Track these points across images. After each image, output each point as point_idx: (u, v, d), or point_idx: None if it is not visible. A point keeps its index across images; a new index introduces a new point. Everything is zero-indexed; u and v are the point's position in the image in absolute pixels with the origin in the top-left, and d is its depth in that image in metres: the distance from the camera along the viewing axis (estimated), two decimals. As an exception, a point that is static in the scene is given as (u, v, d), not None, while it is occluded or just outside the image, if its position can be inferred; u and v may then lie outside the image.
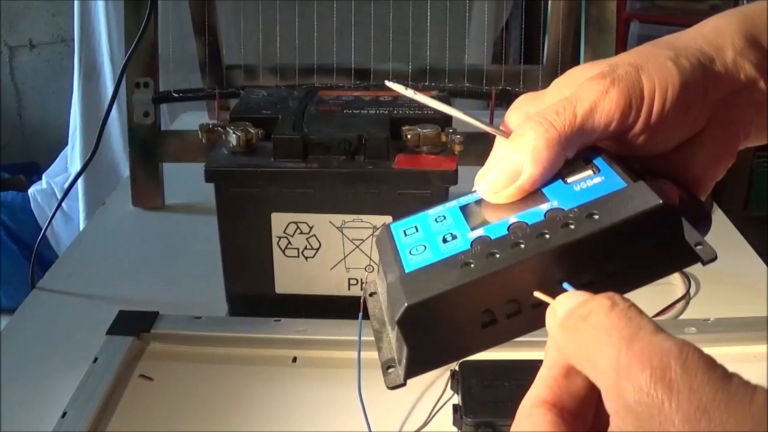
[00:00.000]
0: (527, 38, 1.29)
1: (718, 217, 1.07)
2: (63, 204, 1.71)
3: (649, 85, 0.35)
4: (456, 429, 0.64)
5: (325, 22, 1.15)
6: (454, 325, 0.32)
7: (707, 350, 0.28)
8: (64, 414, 0.64)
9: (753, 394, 0.24)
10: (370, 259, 0.75)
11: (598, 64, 0.37)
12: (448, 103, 0.85)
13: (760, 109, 0.38)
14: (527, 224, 0.33)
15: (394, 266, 0.34)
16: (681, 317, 0.81)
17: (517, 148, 0.35)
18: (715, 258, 0.33)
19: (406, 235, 0.36)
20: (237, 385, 0.70)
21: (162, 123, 1.07)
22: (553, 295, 0.31)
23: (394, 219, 0.38)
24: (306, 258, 0.76)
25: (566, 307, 0.29)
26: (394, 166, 0.73)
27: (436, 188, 0.72)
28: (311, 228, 0.74)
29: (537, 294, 0.32)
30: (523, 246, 0.32)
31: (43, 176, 2.17)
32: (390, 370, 0.34)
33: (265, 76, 1.14)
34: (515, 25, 1.98)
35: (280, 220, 0.74)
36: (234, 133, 0.75)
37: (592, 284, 0.32)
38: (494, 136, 0.38)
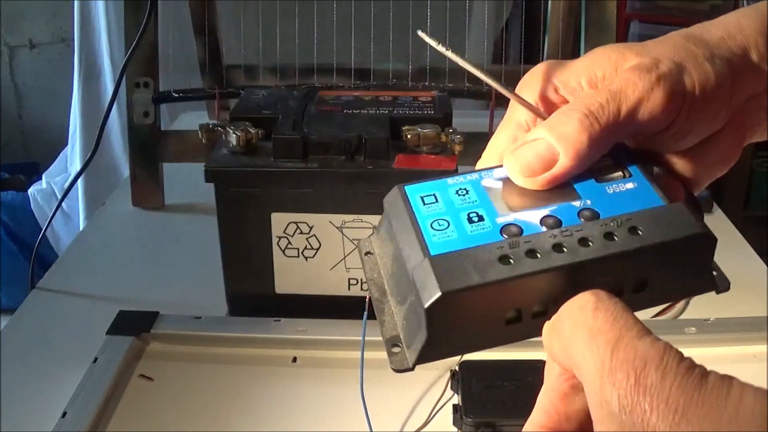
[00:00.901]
0: (527, 38, 1.29)
1: (718, 217, 1.07)
2: (63, 204, 1.71)
3: (690, 85, 0.35)
4: (456, 429, 0.64)
5: (325, 22, 1.15)
6: (480, 319, 0.31)
7: (707, 350, 0.28)
8: (64, 414, 0.64)
9: (728, 391, 0.25)
10: (370, 259, 0.75)
11: (632, 49, 0.36)
12: (448, 102, 0.85)
13: None
14: (561, 221, 0.32)
15: (414, 239, 0.32)
16: (681, 317, 0.81)
17: (558, 136, 0.34)
18: (728, 288, 0.34)
19: (424, 203, 0.34)
20: (237, 385, 0.71)
21: (162, 123, 1.07)
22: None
23: (406, 183, 0.36)
24: (306, 258, 0.76)
25: (559, 315, 0.29)
26: (394, 166, 0.73)
27: (436, 188, 0.72)
28: (311, 228, 0.74)
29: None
30: (566, 251, 0.31)
31: (43, 176, 2.17)
32: (395, 350, 0.33)
33: (265, 76, 1.14)
34: (515, 25, 1.98)
35: (280, 220, 0.74)
36: (234, 133, 0.75)
37: (620, 295, 0.32)
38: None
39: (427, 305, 0.30)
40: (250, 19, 1.16)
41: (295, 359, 0.74)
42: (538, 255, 0.31)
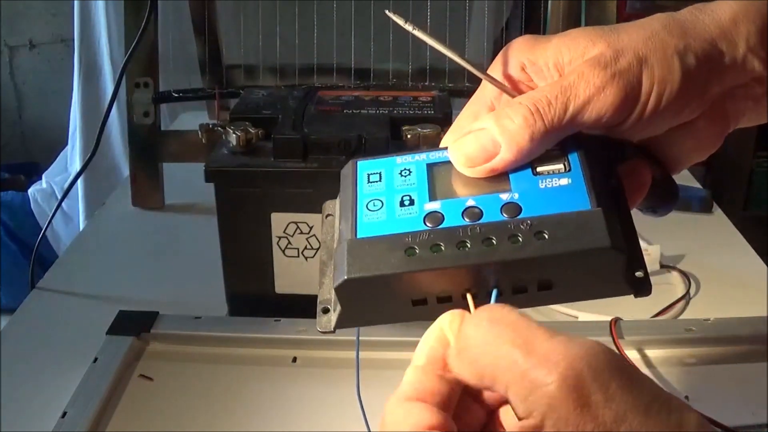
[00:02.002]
0: (527, 38, 1.29)
1: (718, 217, 1.07)
2: (63, 204, 1.71)
3: (648, 84, 0.34)
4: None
5: (325, 22, 1.15)
6: (387, 300, 0.34)
7: (707, 350, 0.28)
8: (64, 414, 0.64)
9: (660, 396, 0.26)
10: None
11: (603, 36, 0.36)
12: (448, 102, 0.85)
13: (757, 102, 0.38)
14: (482, 213, 0.34)
15: (349, 218, 0.35)
16: (681, 317, 0.81)
17: (501, 129, 0.35)
18: (649, 294, 0.34)
19: (369, 181, 0.37)
20: (237, 385, 0.70)
21: (162, 123, 1.07)
22: (485, 297, 0.33)
23: (362, 158, 0.39)
24: (306, 258, 0.76)
25: (453, 330, 0.30)
26: (394, 166, 0.73)
27: (436, 188, 0.72)
28: (311, 228, 0.74)
29: (468, 299, 0.33)
30: (468, 248, 0.33)
31: (43, 176, 2.17)
32: (324, 313, 0.37)
33: (265, 76, 1.14)
34: (515, 25, 1.98)
35: (280, 220, 0.74)
36: (234, 133, 0.75)
37: (524, 292, 0.33)
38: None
39: (335, 285, 0.34)
40: (250, 19, 1.16)
41: (295, 359, 0.74)
42: (442, 250, 0.33)
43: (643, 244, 1.01)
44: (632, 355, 0.70)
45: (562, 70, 0.36)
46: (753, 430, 0.63)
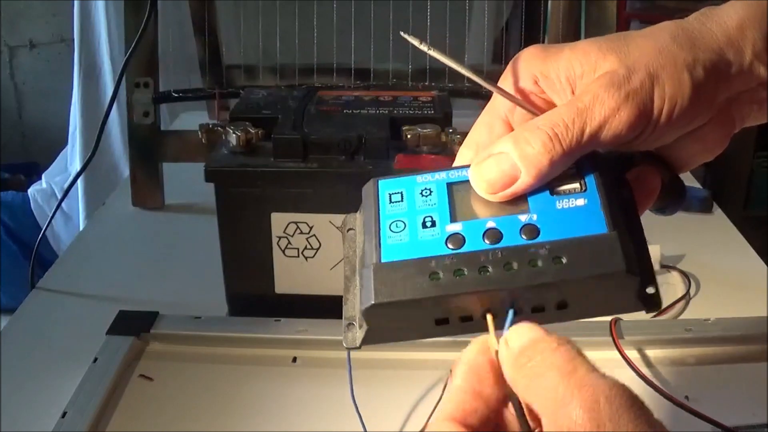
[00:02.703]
0: (527, 38, 1.29)
1: (718, 217, 1.07)
2: (63, 204, 1.71)
3: (659, 101, 0.35)
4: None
5: (325, 22, 1.15)
6: (412, 320, 0.36)
7: (707, 350, 0.29)
8: (64, 414, 0.64)
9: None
10: (370, 259, 0.75)
11: (613, 48, 0.36)
12: (449, 102, 0.85)
13: (762, 105, 0.38)
14: (502, 236, 0.35)
15: (373, 237, 0.37)
16: (681, 317, 0.81)
17: (521, 154, 0.35)
18: (658, 309, 0.36)
19: (391, 201, 0.38)
20: (237, 385, 0.70)
21: (162, 123, 1.07)
22: (502, 315, 0.34)
23: (382, 177, 0.40)
24: (306, 258, 0.76)
25: (519, 343, 0.32)
26: (394, 166, 0.73)
27: (436, 188, 0.72)
28: (311, 228, 0.74)
29: (489, 319, 0.35)
30: (489, 273, 0.34)
31: (43, 176, 2.17)
32: (350, 328, 0.37)
33: (265, 76, 1.14)
34: (515, 25, 1.98)
35: (280, 220, 0.74)
36: (234, 133, 0.75)
37: (542, 311, 0.35)
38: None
39: (362, 309, 0.35)
40: (250, 19, 1.16)
41: (295, 359, 0.74)
42: (465, 274, 0.34)
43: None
44: (632, 355, 0.70)
45: (575, 84, 0.37)
46: (753, 430, 0.63)
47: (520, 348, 0.32)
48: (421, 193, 0.38)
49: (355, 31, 1.12)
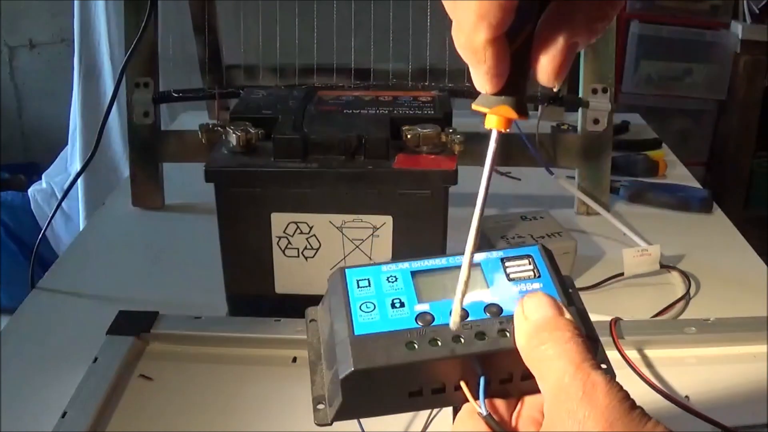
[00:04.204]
0: (527, 38, 1.29)
1: (718, 217, 1.07)
2: (63, 204, 1.71)
3: None
4: (456, 429, 0.64)
5: (325, 22, 1.15)
6: (387, 391, 0.37)
7: (707, 350, 0.29)
8: (64, 414, 0.64)
9: (646, 422, 0.32)
10: (370, 258, 0.75)
11: None
12: (448, 102, 0.85)
13: None
14: (466, 312, 0.37)
15: (344, 318, 0.38)
16: (681, 317, 0.81)
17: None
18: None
19: (359, 286, 0.40)
20: (237, 385, 0.71)
21: (162, 123, 1.07)
22: (475, 386, 0.37)
23: (348, 266, 0.42)
24: (306, 258, 0.76)
25: (537, 316, 0.36)
26: (394, 166, 0.73)
27: (436, 188, 0.72)
28: (311, 228, 0.74)
29: (463, 386, 0.37)
30: (463, 342, 0.36)
31: (43, 176, 2.17)
32: (320, 407, 0.39)
33: (265, 76, 1.14)
34: (515, 25, 1.98)
35: (280, 220, 0.74)
36: (234, 133, 0.75)
37: (510, 382, 0.38)
38: None
39: (341, 377, 0.36)
40: (250, 19, 1.16)
41: (295, 359, 0.74)
42: (439, 343, 0.36)
43: (643, 244, 1.01)
44: (632, 355, 0.70)
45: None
46: (753, 430, 0.63)
47: (536, 325, 0.35)
48: (387, 280, 0.40)
49: (355, 31, 1.12)
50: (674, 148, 1.32)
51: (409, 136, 0.75)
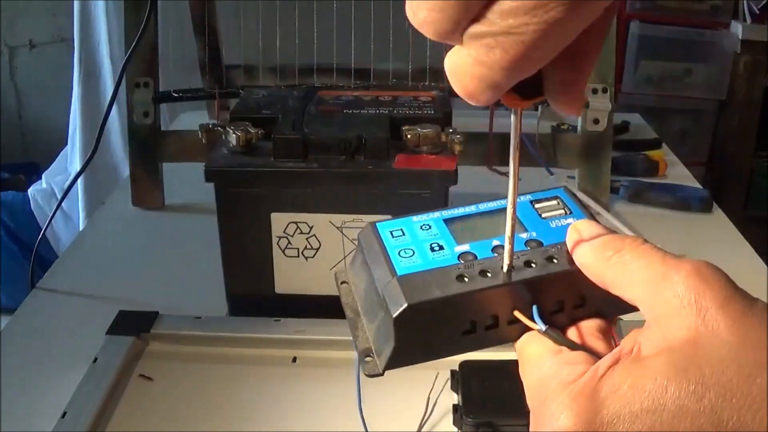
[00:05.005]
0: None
1: (718, 217, 1.07)
2: (63, 204, 1.71)
3: None
4: (456, 429, 0.64)
5: (325, 22, 1.15)
6: (440, 329, 0.36)
7: None
8: (64, 414, 0.64)
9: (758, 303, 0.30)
10: (370, 259, 0.75)
11: None
12: (449, 102, 0.85)
13: None
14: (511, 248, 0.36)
15: (384, 264, 0.37)
16: (681, 317, 0.81)
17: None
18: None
19: (393, 236, 0.39)
20: (237, 385, 0.71)
21: (162, 123, 1.07)
22: (528, 314, 0.35)
23: (377, 221, 0.40)
24: (306, 258, 0.76)
25: (595, 232, 0.34)
26: (394, 166, 0.73)
27: (436, 188, 0.72)
28: (311, 228, 0.74)
29: (517, 314, 0.35)
30: (513, 271, 0.35)
31: (43, 176, 2.17)
32: (368, 359, 0.37)
33: (265, 76, 1.14)
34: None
35: (280, 220, 0.74)
36: (234, 133, 0.75)
37: (561, 311, 0.36)
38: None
39: (395, 315, 0.34)
40: (250, 19, 1.16)
41: (295, 359, 0.74)
42: (489, 274, 0.35)
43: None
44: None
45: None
46: (753, 430, 0.63)
47: (602, 240, 0.34)
48: (421, 228, 0.39)
49: (355, 31, 1.12)
50: (674, 148, 1.32)
51: (409, 136, 0.75)
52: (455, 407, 0.65)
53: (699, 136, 2.37)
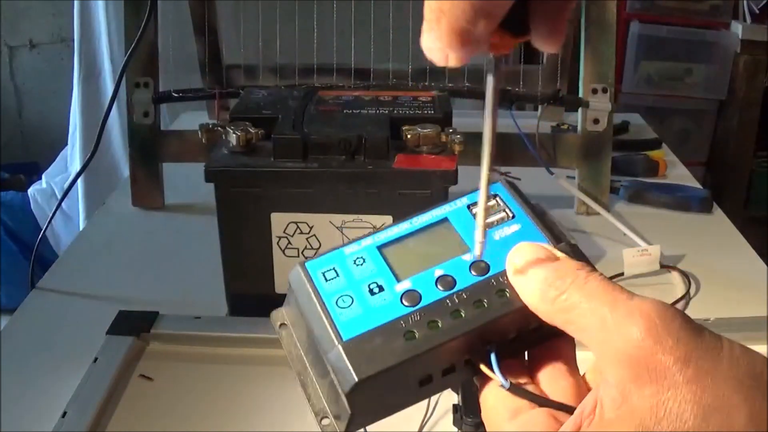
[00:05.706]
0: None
1: (718, 217, 1.07)
2: (63, 204, 1.71)
3: None
4: (456, 429, 0.64)
5: (325, 22, 1.15)
6: (396, 389, 0.34)
7: None
8: (64, 414, 0.64)
9: (721, 343, 0.30)
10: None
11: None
12: (449, 102, 0.85)
13: None
14: (455, 281, 0.34)
15: (323, 322, 0.34)
16: (681, 317, 0.81)
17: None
18: None
19: (326, 280, 0.36)
20: (237, 385, 0.70)
21: (162, 123, 1.07)
22: (483, 357, 0.33)
23: (308, 258, 0.37)
24: (306, 258, 0.75)
25: (539, 276, 0.32)
26: (394, 166, 0.73)
27: (436, 188, 0.72)
28: (311, 228, 0.74)
29: (483, 368, 0.33)
30: (463, 316, 0.33)
31: (43, 176, 2.17)
32: (325, 422, 0.36)
33: (265, 76, 1.14)
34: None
35: (280, 220, 0.74)
36: (234, 133, 0.75)
37: (516, 341, 0.34)
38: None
39: (347, 391, 0.33)
40: (250, 19, 1.16)
41: (295, 359, 0.74)
42: (439, 325, 0.33)
43: (643, 244, 1.01)
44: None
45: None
46: (753, 430, 0.63)
47: (542, 280, 0.32)
48: (355, 263, 0.36)
49: (355, 31, 1.12)
50: (674, 148, 1.32)
51: (409, 136, 0.75)
52: (455, 407, 0.65)
53: (699, 136, 2.37)
